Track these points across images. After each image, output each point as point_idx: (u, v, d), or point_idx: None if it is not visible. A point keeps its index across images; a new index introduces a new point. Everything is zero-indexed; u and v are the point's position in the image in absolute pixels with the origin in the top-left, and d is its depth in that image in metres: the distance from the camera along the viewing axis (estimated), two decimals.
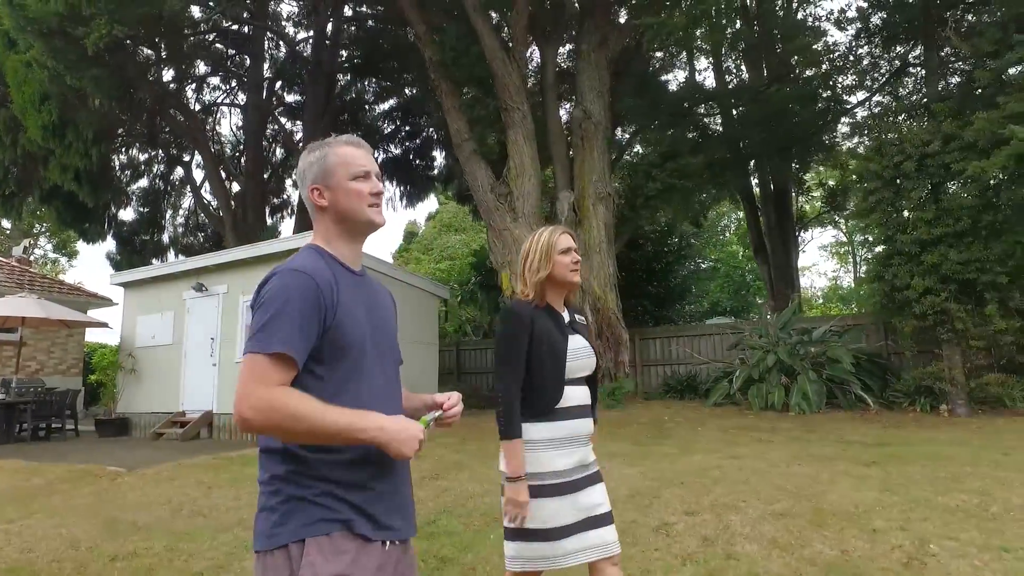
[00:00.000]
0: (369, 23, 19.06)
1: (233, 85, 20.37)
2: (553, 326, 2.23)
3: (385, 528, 1.42)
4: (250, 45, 18.69)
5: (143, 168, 20.10)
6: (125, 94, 11.68)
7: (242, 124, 20.15)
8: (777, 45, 13.53)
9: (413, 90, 18.33)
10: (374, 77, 19.22)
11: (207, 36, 18.43)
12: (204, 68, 19.40)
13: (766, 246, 15.97)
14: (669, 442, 7.67)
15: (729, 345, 11.84)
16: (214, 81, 20.94)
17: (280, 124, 20.69)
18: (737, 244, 30.07)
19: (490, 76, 10.54)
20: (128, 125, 14.87)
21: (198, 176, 20.05)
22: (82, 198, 13.49)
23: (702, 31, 9.67)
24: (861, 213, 10.24)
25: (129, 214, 20.70)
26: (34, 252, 27.75)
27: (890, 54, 12.48)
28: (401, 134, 20.97)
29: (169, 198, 21.23)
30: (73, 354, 17.22)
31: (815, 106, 13.17)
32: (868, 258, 10.85)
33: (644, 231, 14.04)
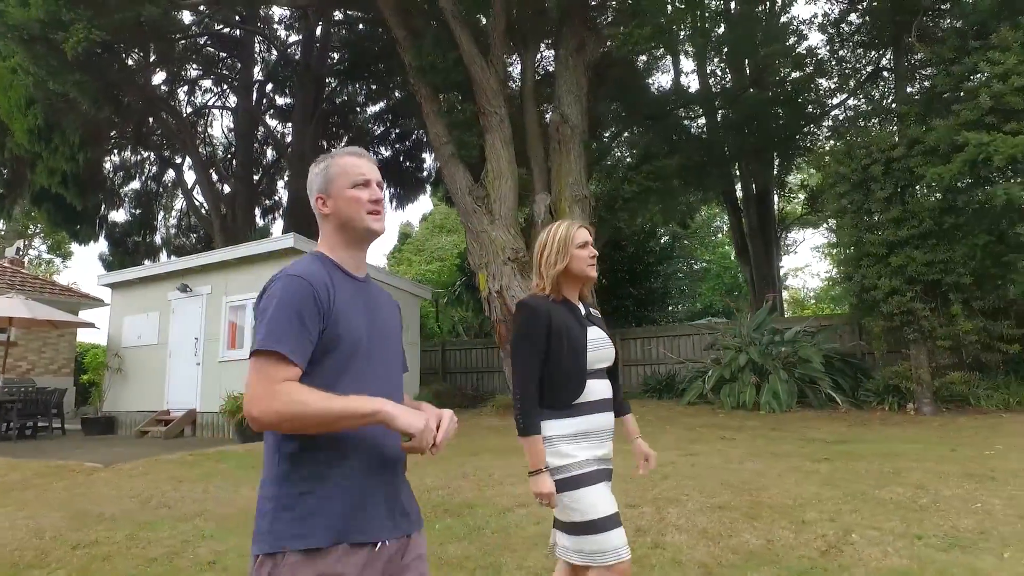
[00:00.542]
0: (360, 26, 19.26)
1: (224, 88, 20.58)
2: (571, 317, 2.19)
3: (376, 529, 1.44)
4: (240, 49, 18.91)
5: (135, 170, 20.32)
6: (111, 99, 11.89)
7: (233, 127, 20.37)
8: (758, 49, 13.72)
9: (402, 93, 18.51)
10: (363, 80, 19.41)
11: (199, 39, 18.66)
12: (196, 71, 19.61)
13: (748, 248, 16.17)
14: None
15: (705, 345, 12.03)
16: (207, 84, 21.22)
17: (271, 126, 20.89)
18: (729, 245, 30.25)
19: (468, 81, 10.75)
20: (117, 128, 15.07)
21: (189, 178, 20.30)
22: (69, 200, 13.72)
23: (668, 41, 9.88)
24: (831, 215, 10.41)
25: (121, 215, 20.97)
26: (28, 253, 27.99)
27: (865, 59, 12.69)
28: (391, 136, 21.16)
29: (161, 200, 21.44)
30: (64, 354, 17.43)
31: (791, 109, 13.36)
32: (840, 259, 11.02)
33: (626, 233, 14.24)
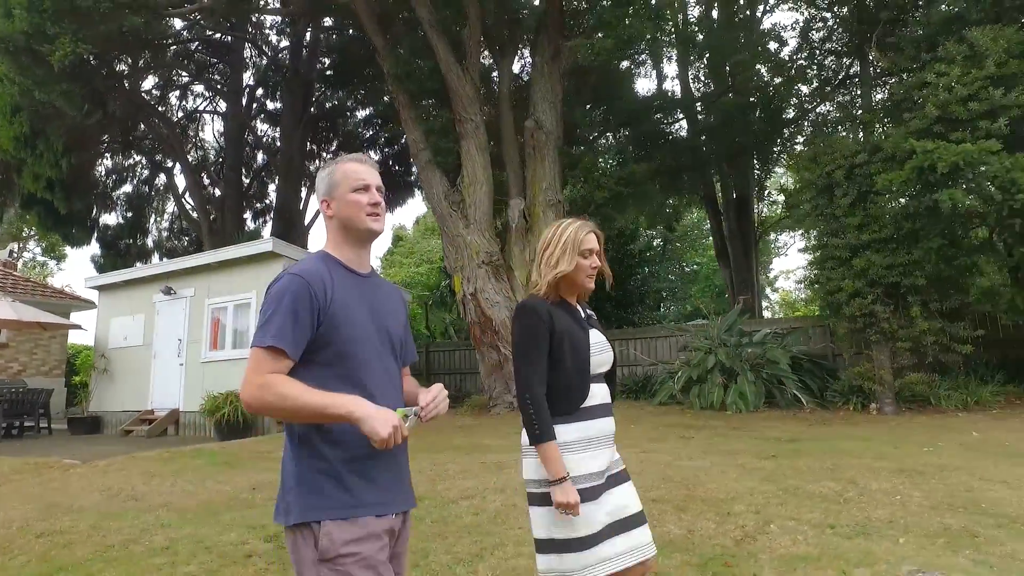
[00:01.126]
0: (351, 31, 19.53)
1: (215, 93, 20.87)
2: (572, 320, 2.13)
3: (390, 501, 1.60)
4: (230, 55, 19.20)
5: (127, 174, 20.61)
6: (99, 105, 12.15)
7: (223, 131, 20.66)
8: (736, 54, 14.00)
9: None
10: (352, 85, 19.67)
11: (190, 44, 18.95)
12: (187, 77, 19.89)
13: (728, 251, 16.41)
14: None
15: (679, 347, 12.27)
16: (198, 88, 21.51)
17: (261, 130, 21.19)
18: None
19: (444, 88, 11.02)
20: (107, 133, 15.35)
21: (181, 182, 20.55)
22: (55, 205, 14.01)
23: (633, 51, 10.14)
24: (798, 219, 10.67)
25: (115, 219, 21.24)
26: (23, 256, 28.26)
27: (837, 66, 12.97)
28: (380, 140, 21.43)
29: (153, 203, 21.73)
30: (56, 355, 17.68)
31: (767, 114, 13.62)
32: (809, 262, 11.28)
33: (606, 236, 14.43)
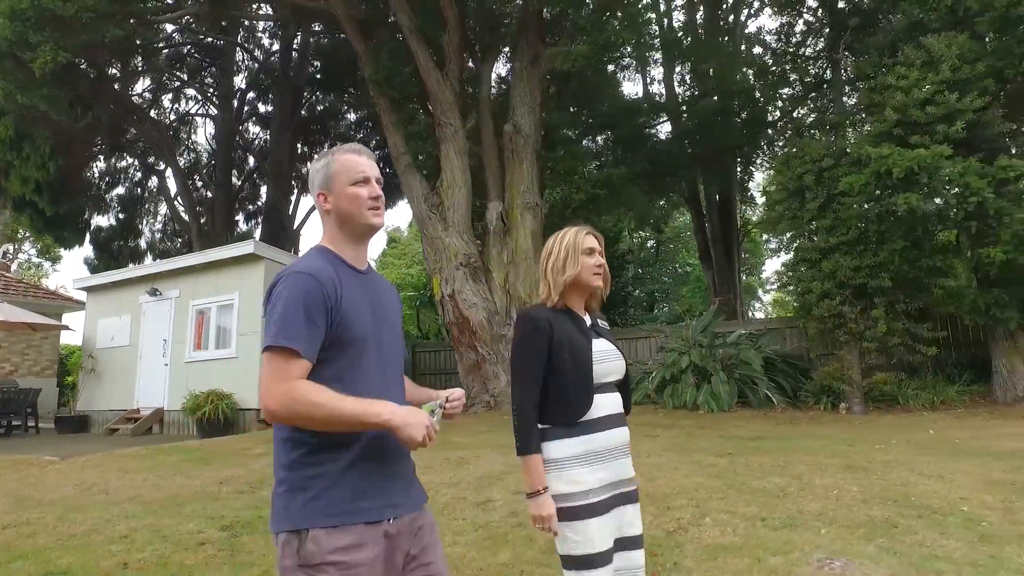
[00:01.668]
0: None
1: (207, 96, 21.10)
2: (574, 328, 2.07)
3: (388, 507, 1.52)
4: (222, 59, 19.45)
5: (120, 176, 20.86)
6: (86, 110, 12.37)
7: (214, 134, 20.92)
8: (714, 60, 14.19)
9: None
10: (342, 88, 19.89)
11: (182, 48, 19.20)
12: (178, 81, 20.13)
13: (711, 252, 16.62)
14: None
15: (657, 348, 12.46)
16: (192, 91, 21.74)
17: (252, 133, 21.42)
18: None
19: (424, 93, 11.23)
20: (95, 137, 15.58)
21: (173, 184, 20.78)
22: (42, 207, 14.25)
23: (609, 57, 10.36)
24: (772, 221, 10.87)
25: (109, 220, 21.48)
26: (18, 257, 28.51)
27: (816, 71, 13.18)
28: (372, 143, 21.64)
29: (145, 205, 21.97)
30: (48, 356, 17.88)
31: (749, 116, 13.82)
32: (783, 263, 11.47)
33: None
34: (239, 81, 21.27)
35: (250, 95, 21.33)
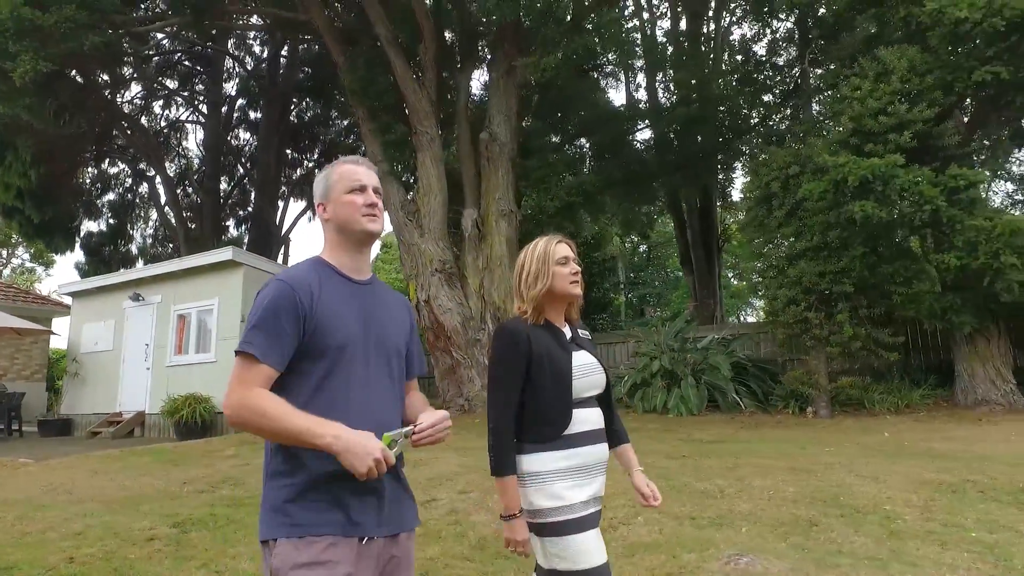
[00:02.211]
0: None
1: (194, 105, 21.38)
2: (553, 342, 2.02)
3: (364, 525, 1.47)
4: (211, 66, 19.71)
5: (112, 182, 21.11)
6: (71, 119, 12.58)
7: (203, 140, 21.18)
8: (693, 68, 14.40)
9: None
10: (331, 95, 20.13)
11: (172, 56, 19.47)
12: (165, 90, 20.39)
13: (691, 258, 16.82)
14: None
15: (631, 353, 12.64)
16: (182, 97, 22.00)
17: (242, 140, 21.68)
18: None
19: (400, 102, 11.45)
20: (82, 145, 15.81)
21: (163, 190, 21.01)
22: (27, 214, 14.48)
23: (586, 67, 10.57)
24: (741, 228, 11.05)
25: (101, 226, 21.70)
26: (11, 261, 28.74)
27: (790, 80, 13.43)
28: (361, 150, 21.87)
29: (136, 210, 22.21)
30: (37, 360, 18.05)
31: (728, 122, 14.04)
32: (754, 269, 11.65)
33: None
34: (230, 88, 21.55)
35: (240, 102, 21.60)
